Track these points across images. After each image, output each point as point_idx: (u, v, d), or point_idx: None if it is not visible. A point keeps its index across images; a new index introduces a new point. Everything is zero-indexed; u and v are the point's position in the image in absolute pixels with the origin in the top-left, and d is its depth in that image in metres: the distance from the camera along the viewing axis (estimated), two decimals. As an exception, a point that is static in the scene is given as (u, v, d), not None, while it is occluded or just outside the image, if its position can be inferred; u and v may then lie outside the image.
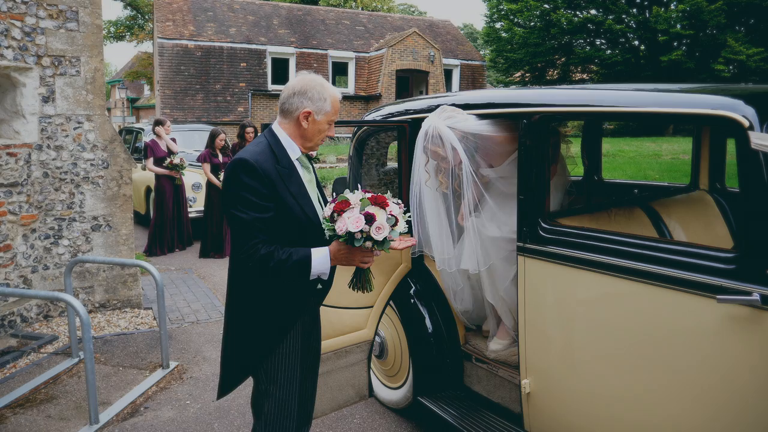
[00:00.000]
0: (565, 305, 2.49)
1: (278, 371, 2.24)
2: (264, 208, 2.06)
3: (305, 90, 2.18)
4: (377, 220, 2.03)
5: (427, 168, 3.07)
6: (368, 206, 2.06)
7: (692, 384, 2.07)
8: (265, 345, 2.22)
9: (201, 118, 20.38)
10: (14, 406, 3.80)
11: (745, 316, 1.90)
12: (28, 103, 5.02)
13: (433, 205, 3.12)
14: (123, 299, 5.69)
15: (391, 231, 2.07)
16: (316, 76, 2.25)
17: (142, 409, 3.82)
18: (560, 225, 2.56)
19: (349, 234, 2.03)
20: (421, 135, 2.99)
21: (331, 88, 2.24)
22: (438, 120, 2.91)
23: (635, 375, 2.24)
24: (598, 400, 2.39)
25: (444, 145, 2.88)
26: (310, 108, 2.18)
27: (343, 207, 2.06)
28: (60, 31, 5.13)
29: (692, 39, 25.32)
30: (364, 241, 2.04)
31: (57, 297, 3.67)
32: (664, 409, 2.16)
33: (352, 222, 2.02)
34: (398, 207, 2.12)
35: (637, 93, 2.37)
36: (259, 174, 2.06)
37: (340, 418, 3.62)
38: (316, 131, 2.23)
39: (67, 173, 5.28)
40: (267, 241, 2.07)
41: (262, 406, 2.27)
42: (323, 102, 2.19)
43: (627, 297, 2.24)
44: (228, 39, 21.56)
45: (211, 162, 8.11)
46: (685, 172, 11.27)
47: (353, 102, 23.38)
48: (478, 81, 26.11)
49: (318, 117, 2.20)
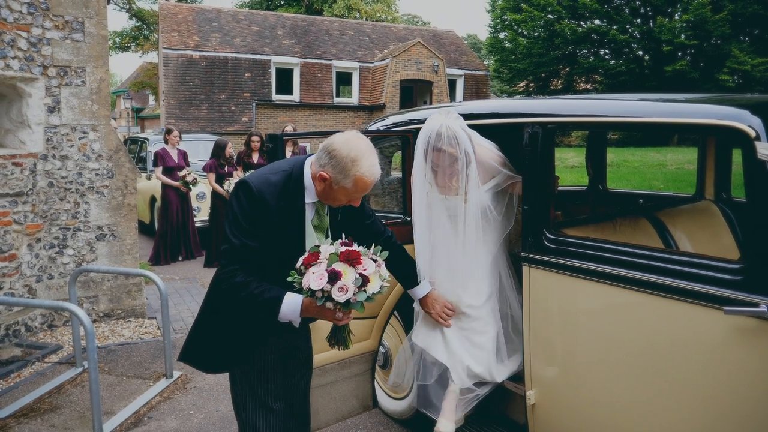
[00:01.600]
0: (570, 315, 2.47)
1: (251, 381, 2.23)
2: (252, 236, 2.02)
3: (335, 155, 2.00)
4: (341, 280, 1.85)
5: (428, 178, 2.80)
6: (335, 263, 1.88)
7: (698, 396, 2.05)
8: (229, 351, 2.22)
9: (205, 128, 20.46)
10: (18, 416, 3.79)
11: (752, 327, 1.88)
12: (33, 113, 5.05)
13: (443, 220, 2.85)
14: (127, 309, 5.69)
15: (359, 293, 1.87)
16: (360, 144, 2.01)
17: (146, 419, 3.80)
18: (565, 235, 2.55)
19: (311, 291, 1.88)
20: (425, 137, 2.69)
21: (364, 167, 1.99)
22: (449, 120, 2.67)
23: (641, 386, 2.21)
24: (604, 410, 2.36)
25: (459, 145, 2.63)
26: (329, 174, 2.01)
27: (311, 261, 1.92)
28: (66, 42, 5.17)
29: (696, 49, 25.36)
30: (325, 301, 1.88)
31: (61, 306, 3.67)
32: (669, 421, 2.14)
33: (315, 279, 1.87)
34: (374, 264, 1.93)
35: (642, 103, 2.37)
36: (257, 202, 2.01)
37: (343, 428, 3.60)
38: (330, 197, 2.09)
39: (72, 183, 5.30)
40: (248, 269, 2.02)
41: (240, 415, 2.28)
42: (344, 177, 1.99)
43: (632, 308, 2.23)
44: (233, 49, 21.69)
45: (216, 172, 8.13)
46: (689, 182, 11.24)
47: (357, 112, 23.45)
48: (481, 91, 26.17)
49: (335, 186, 2.03)
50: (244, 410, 2.25)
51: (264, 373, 2.23)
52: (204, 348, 2.29)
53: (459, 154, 2.63)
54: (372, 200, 4.14)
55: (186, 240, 8.54)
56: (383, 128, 3.71)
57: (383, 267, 1.98)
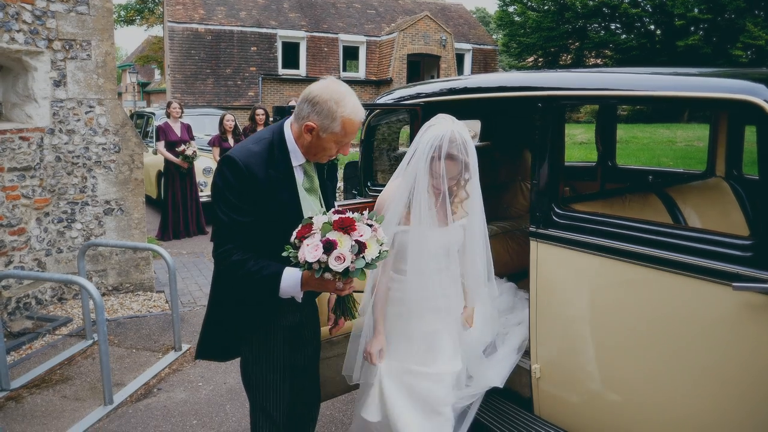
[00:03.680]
0: (578, 290, 2.47)
1: (259, 362, 2.20)
2: (245, 211, 1.97)
3: (317, 101, 1.96)
4: (337, 249, 1.81)
5: (426, 203, 2.27)
6: (329, 232, 1.83)
7: (705, 371, 2.05)
8: (238, 328, 2.19)
9: (212, 102, 20.38)
10: (30, 387, 3.86)
11: (761, 303, 1.87)
12: (39, 87, 5.04)
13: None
14: (135, 282, 5.74)
15: (357, 260, 1.82)
16: (340, 88, 1.98)
17: (155, 391, 3.86)
18: (574, 210, 2.53)
19: (308, 264, 1.83)
20: (433, 142, 2.21)
21: (349, 107, 1.96)
22: (457, 126, 2.25)
23: (647, 362, 2.22)
24: (609, 386, 2.38)
25: (469, 156, 2.24)
26: (316, 123, 1.97)
27: (304, 233, 1.87)
28: (70, 15, 5.13)
29: (710, 23, 24.85)
30: (323, 272, 1.83)
31: (71, 280, 3.70)
32: (675, 396, 2.15)
33: (310, 251, 1.82)
34: (370, 230, 1.87)
35: (654, 77, 2.33)
36: (244, 176, 1.95)
37: (350, 401, 3.64)
38: (319, 148, 2.03)
39: (79, 157, 5.31)
40: (243, 247, 1.97)
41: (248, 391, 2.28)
42: (331, 121, 1.96)
43: (640, 283, 2.22)
44: (238, 23, 21.47)
45: (221, 146, 8.11)
46: (699, 159, 11.14)
47: (364, 86, 23.26)
48: (490, 66, 25.87)
49: (323, 134, 1.98)
50: (252, 391, 2.25)
51: (271, 353, 2.20)
52: (217, 339, 2.27)
53: (469, 163, 2.24)
54: (379, 176, 4.12)
55: (193, 214, 8.56)
56: (391, 102, 3.68)
57: (380, 231, 1.92)
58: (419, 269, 2.29)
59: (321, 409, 2.66)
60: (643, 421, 2.26)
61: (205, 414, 3.57)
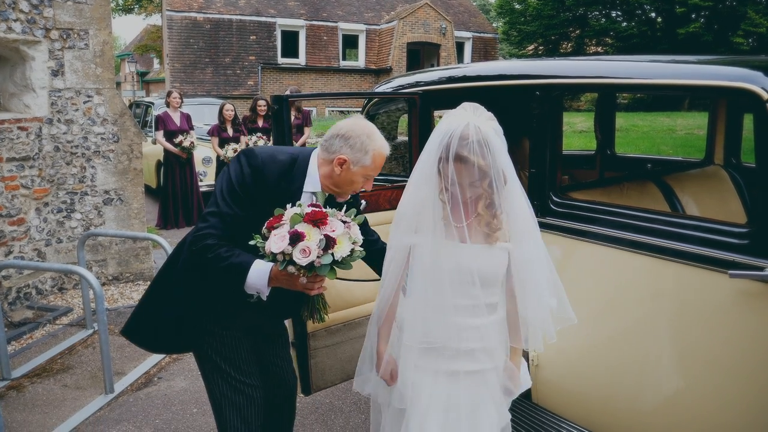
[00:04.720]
0: (576, 278, 2.48)
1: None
2: (242, 204, 1.97)
3: (349, 136, 2.01)
4: (304, 241, 1.74)
5: (442, 196, 1.84)
6: (299, 224, 1.78)
7: (701, 359, 2.06)
8: (188, 326, 2.15)
9: (211, 91, 20.31)
10: (32, 376, 3.89)
11: (757, 291, 1.88)
12: (37, 76, 5.02)
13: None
14: (135, 272, 5.76)
15: (324, 255, 1.75)
16: (368, 125, 2.05)
17: (156, 380, 3.88)
18: (572, 198, 2.54)
19: (273, 255, 1.77)
20: (442, 139, 1.82)
21: (378, 142, 2.03)
22: (480, 119, 1.83)
23: (644, 349, 2.23)
24: (607, 373, 2.39)
25: (493, 156, 1.78)
26: (348, 156, 2.00)
27: (274, 223, 1.82)
28: (68, 4, 5.10)
29: (711, 10, 24.69)
30: (287, 265, 1.77)
31: (71, 270, 3.72)
32: (671, 383, 2.16)
33: (276, 241, 1.76)
34: (342, 226, 1.81)
35: (653, 64, 2.32)
36: (259, 174, 1.98)
37: (348, 389, 3.66)
38: (348, 181, 2.05)
39: (78, 147, 5.30)
40: (224, 237, 1.96)
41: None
42: (363, 155, 2.00)
43: (638, 271, 2.23)
44: (237, 11, 21.35)
45: (220, 136, 8.08)
46: (699, 147, 11.11)
47: (363, 75, 23.18)
48: (490, 54, 25.74)
49: (353, 168, 2.01)
50: (213, 389, 2.22)
51: (232, 351, 2.16)
52: (153, 322, 2.21)
53: (490, 169, 1.78)
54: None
55: (192, 204, 8.55)
56: (390, 90, 3.67)
57: (355, 229, 1.86)
58: (423, 292, 1.86)
59: (320, 397, 2.68)
60: (640, 409, 2.28)
61: (205, 402, 3.59)
